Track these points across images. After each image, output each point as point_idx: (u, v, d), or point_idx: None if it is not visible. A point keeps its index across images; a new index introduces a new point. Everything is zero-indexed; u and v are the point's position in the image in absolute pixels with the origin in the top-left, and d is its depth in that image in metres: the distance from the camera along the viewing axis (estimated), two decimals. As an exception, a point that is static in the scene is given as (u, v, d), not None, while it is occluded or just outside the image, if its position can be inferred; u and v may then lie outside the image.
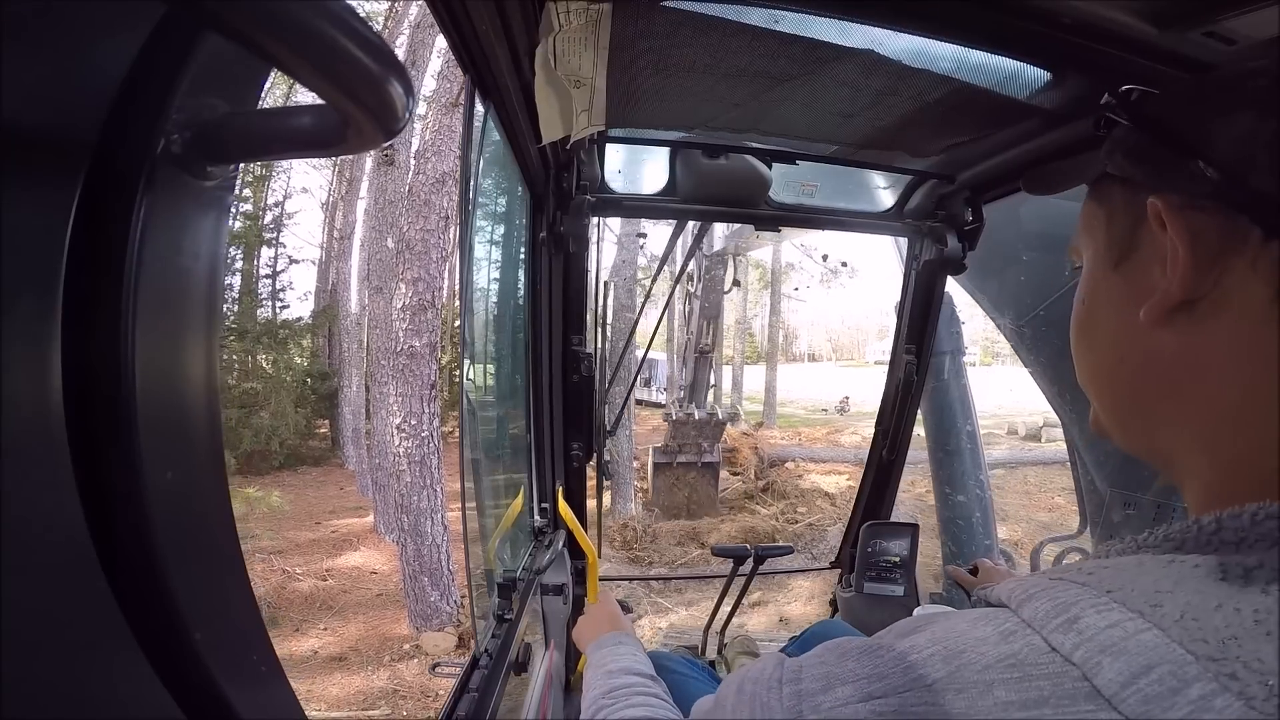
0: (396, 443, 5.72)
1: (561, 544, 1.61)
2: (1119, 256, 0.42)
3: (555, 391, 1.64)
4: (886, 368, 1.97)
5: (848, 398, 22.39)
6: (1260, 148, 0.34)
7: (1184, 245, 0.36)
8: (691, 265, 8.50)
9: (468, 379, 1.22)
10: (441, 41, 6.76)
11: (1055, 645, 0.29)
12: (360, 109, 0.29)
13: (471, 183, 0.97)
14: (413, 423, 5.66)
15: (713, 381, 9.92)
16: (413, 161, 6.14)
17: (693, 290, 8.71)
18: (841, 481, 10.59)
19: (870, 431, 1.99)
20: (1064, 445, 2.52)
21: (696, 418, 8.79)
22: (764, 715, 0.36)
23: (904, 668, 0.33)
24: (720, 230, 7.92)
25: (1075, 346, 0.47)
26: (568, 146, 1.17)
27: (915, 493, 7.19)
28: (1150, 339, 0.39)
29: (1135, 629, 0.28)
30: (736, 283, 7.87)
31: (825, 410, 22.10)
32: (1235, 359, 0.35)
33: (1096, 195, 0.45)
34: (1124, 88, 0.43)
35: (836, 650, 0.37)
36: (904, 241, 1.87)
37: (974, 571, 1.38)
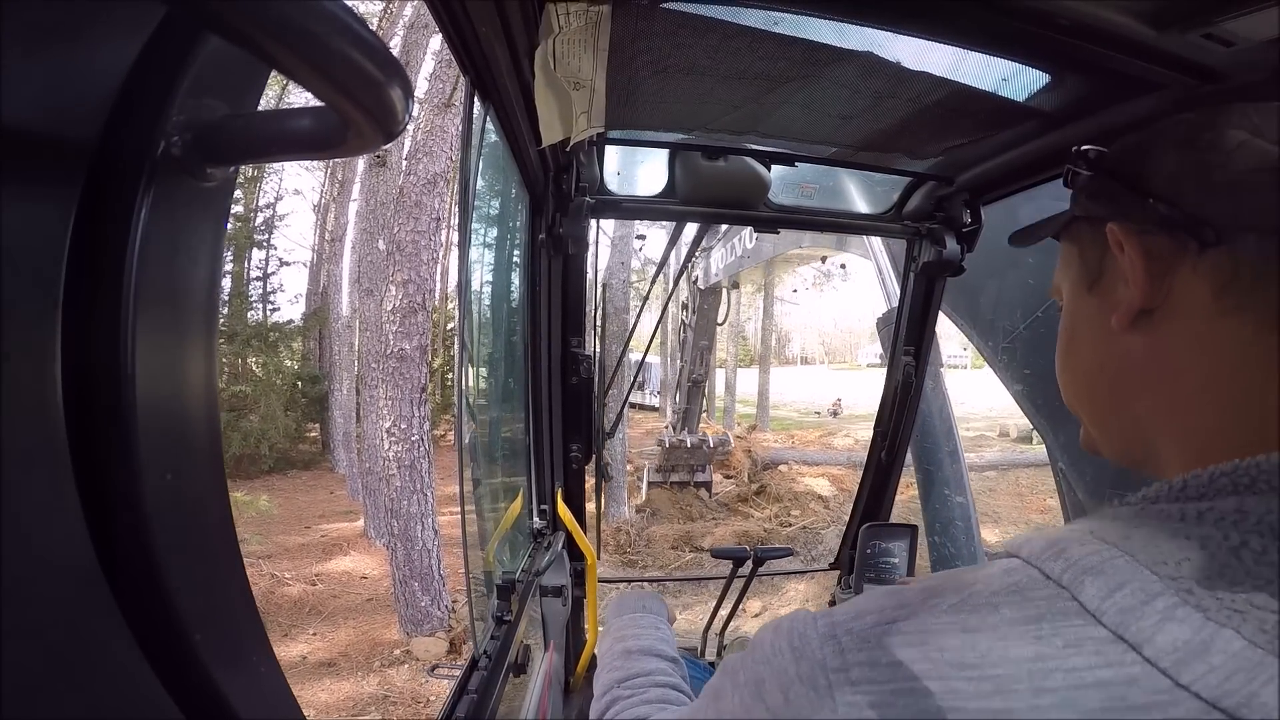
0: (386, 446, 5.70)
1: (561, 546, 1.61)
2: (1091, 281, 0.49)
3: (554, 393, 1.64)
4: (879, 371, 1.97)
5: (840, 400, 22.40)
6: (1185, 178, 0.42)
7: (1139, 260, 0.43)
8: (686, 296, 8.88)
9: (466, 381, 1.22)
10: (435, 42, 6.75)
11: (1048, 573, 0.35)
12: (360, 111, 0.29)
13: (471, 185, 0.97)
14: (403, 426, 5.62)
15: (705, 408, 10.32)
16: (404, 163, 6.09)
17: (687, 321, 9.24)
18: (835, 484, 10.55)
19: (863, 434, 2.00)
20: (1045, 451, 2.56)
21: (689, 444, 9.36)
22: (802, 642, 0.39)
23: (923, 598, 0.38)
24: (716, 262, 8.09)
25: (1061, 369, 0.53)
26: (567, 148, 1.17)
27: (906, 495, 7.18)
28: (1122, 344, 0.46)
29: (1110, 555, 0.34)
30: (735, 286, 8.03)
31: (818, 413, 22.14)
32: (1190, 352, 0.42)
33: (1068, 237, 0.53)
34: (1082, 147, 0.51)
35: (862, 596, 0.42)
36: (884, 257, 1.87)
37: None
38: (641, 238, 9.70)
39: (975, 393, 19.16)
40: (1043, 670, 0.31)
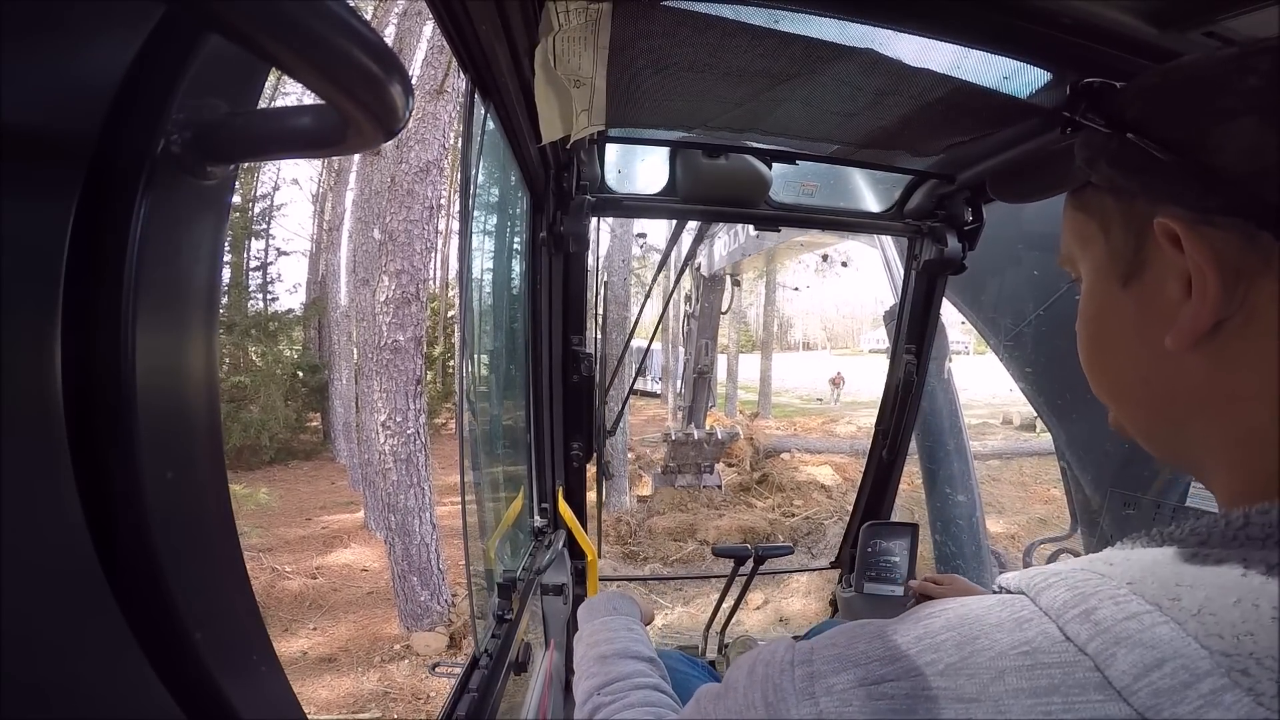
0: (382, 440, 5.65)
1: (561, 544, 1.61)
2: (1125, 274, 0.39)
3: (555, 391, 1.64)
4: (880, 356, 1.97)
5: (840, 373, 22.30)
6: (1272, 161, 0.32)
7: (1212, 270, 0.34)
8: (689, 286, 8.60)
9: (468, 379, 1.23)
10: (428, 30, 6.68)
11: (1070, 635, 0.30)
12: (360, 109, 0.29)
13: (471, 183, 0.97)
14: (398, 419, 5.57)
15: (712, 403, 9.84)
16: (396, 150, 6.01)
17: (690, 311, 8.79)
18: (837, 473, 10.46)
19: (865, 421, 2.00)
20: (1052, 442, 2.55)
21: (696, 438, 8.74)
22: (776, 697, 0.35)
23: (917, 651, 0.33)
24: (719, 250, 7.97)
25: (1088, 364, 0.45)
26: (568, 146, 1.17)
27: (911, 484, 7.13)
28: (1175, 364, 0.37)
29: (1151, 622, 0.28)
30: (738, 283, 7.92)
31: (820, 400, 22.20)
32: (1266, 378, 0.34)
33: (1082, 205, 0.43)
34: (1084, 80, 0.40)
35: (848, 634, 0.37)
36: (892, 249, 1.88)
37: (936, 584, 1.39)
38: (642, 235, 9.63)
39: (978, 379, 19.14)
40: None
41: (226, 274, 13.17)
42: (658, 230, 9.53)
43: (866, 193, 1.75)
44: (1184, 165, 0.34)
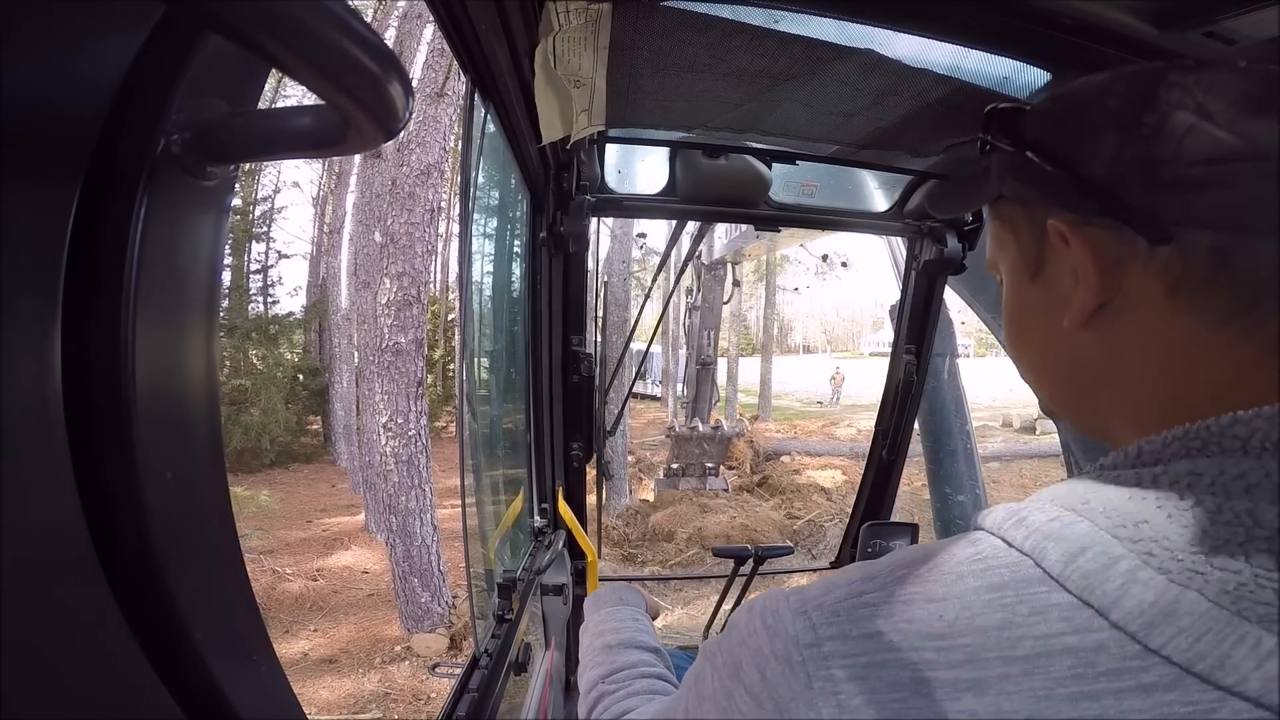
0: (383, 442, 5.64)
1: (561, 544, 1.61)
2: (1033, 270, 0.46)
3: (555, 392, 1.64)
4: (881, 360, 1.96)
5: (840, 370, 22.41)
6: (1128, 169, 0.38)
7: (1089, 261, 0.41)
8: (690, 276, 8.37)
9: (468, 380, 1.23)
10: (428, 32, 6.67)
11: (1010, 540, 0.36)
12: (360, 109, 0.29)
13: (472, 183, 0.97)
14: (399, 421, 5.56)
15: (716, 398, 9.63)
16: (396, 154, 5.98)
17: (692, 302, 8.53)
18: (837, 476, 10.42)
19: (864, 424, 2.00)
20: (1058, 438, 2.53)
21: (700, 431, 8.48)
22: (775, 621, 0.39)
23: (890, 568, 0.39)
24: (720, 236, 7.83)
25: (1011, 350, 0.52)
26: (568, 147, 1.17)
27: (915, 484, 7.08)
28: (1075, 342, 0.44)
29: (1070, 520, 0.34)
30: (737, 283, 7.82)
31: (820, 403, 22.27)
32: (1146, 349, 0.40)
33: (998, 215, 0.50)
34: (996, 106, 0.46)
35: (834, 574, 0.42)
36: (898, 243, 1.88)
37: None
38: (642, 235, 9.58)
39: (978, 382, 19.08)
40: (1011, 639, 0.32)
41: (227, 277, 13.15)
42: (658, 230, 9.46)
43: (867, 193, 1.75)
44: (1066, 177, 0.41)
